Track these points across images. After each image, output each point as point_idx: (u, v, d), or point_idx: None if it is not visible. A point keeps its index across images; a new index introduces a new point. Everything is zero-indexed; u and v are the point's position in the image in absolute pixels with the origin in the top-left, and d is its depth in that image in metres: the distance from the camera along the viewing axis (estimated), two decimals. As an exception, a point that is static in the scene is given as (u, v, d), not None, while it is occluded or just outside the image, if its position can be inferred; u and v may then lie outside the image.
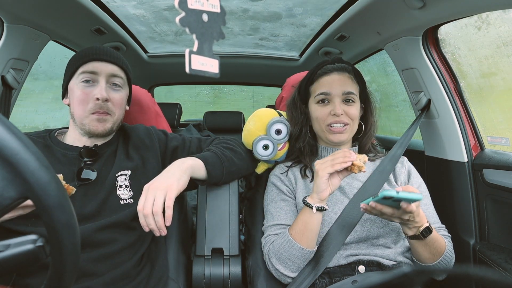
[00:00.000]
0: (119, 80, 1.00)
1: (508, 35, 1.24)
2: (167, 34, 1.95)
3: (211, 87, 4.88)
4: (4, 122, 0.37)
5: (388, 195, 0.76)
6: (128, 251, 0.94)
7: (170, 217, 0.83)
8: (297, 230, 0.94)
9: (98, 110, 0.95)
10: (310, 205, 0.92)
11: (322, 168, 0.89)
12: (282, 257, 0.95)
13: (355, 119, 1.06)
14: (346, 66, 1.09)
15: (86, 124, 0.96)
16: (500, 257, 1.10)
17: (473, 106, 1.33)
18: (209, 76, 0.44)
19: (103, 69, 0.96)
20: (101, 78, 0.96)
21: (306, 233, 0.93)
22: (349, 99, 1.05)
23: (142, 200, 0.83)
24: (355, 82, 1.08)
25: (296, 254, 0.93)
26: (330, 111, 1.04)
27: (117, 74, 0.99)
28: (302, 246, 0.92)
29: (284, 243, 0.95)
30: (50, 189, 0.38)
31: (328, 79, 1.07)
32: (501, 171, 1.15)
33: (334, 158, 0.89)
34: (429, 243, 0.89)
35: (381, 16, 1.28)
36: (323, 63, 1.11)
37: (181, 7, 0.43)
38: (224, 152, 1.07)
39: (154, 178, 0.89)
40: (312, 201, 0.92)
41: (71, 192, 0.71)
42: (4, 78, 1.23)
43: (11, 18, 1.17)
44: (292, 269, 0.95)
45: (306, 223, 0.93)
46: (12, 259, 0.40)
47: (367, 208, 0.85)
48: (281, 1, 1.48)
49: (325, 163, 0.90)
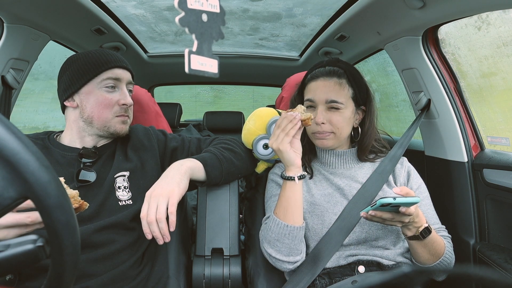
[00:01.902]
0: (131, 87, 1.06)
1: (508, 35, 1.24)
2: (167, 34, 1.95)
3: (211, 87, 4.88)
4: (4, 122, 0.37)
5: (385, 203, 0.76)
6: (127, 252, 0.93)
7: (174, 223, 0.82)
8: (280, 209, 0.95)
9: (122, 114, 1.00)
10: (291, 177, 0.94)
11: (280, 143, 0.91)
12: (271, 239, 0.95)
13: (342, 127, 1.02)
14: (335, 70, 1.04)
15: (111, 126, 0.99)
16: (500, 257, 1.10)
17: (473, 106, 1.33)
18: (208, 76, 0.44)
19: (125, 76, 1.02)
20: (122, 85, 1.01)
21: (289, 208, 0.94)
22: (332, 107, 1.01)
23: (145, 208, 0.83)
24: (348, 86, 1.03)
25: (283, 232, 0.93)
26: (314, 118, 1.01)
27: (132, 81, 1.06)
28: (287, 223, 0.93)
29: (271, 225, 0.95)
30: (50, 189, 0.38)
31: (314, 85, 1.04)
32: (501, 171, 1.15)
33: (283, 128, 0.91)
34: (428, 243, 0.89)
35: (381, 16, 1.28)
36: (317, 65, 1.09)
37: (180, 7, 0.43)
38: (223, 153, 1.07)
39: (155, 183, 0.89)
40: (292, 173, 0.94)
41: (84, 208, 0.71)
42: (4, 78, 1.23)
43: (11, 18, 1.17)
44: (284, 252, 0.94)
45: (289, 198, 0.94)
46: (12, 259, 0.40)
47: (367, 217, 0.85)
48: (281, 1, 1.48)
49: (278, 137, 0.92)
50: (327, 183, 1.07)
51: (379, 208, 0.80)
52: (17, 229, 0.63)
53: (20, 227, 0.63)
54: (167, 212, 0.82)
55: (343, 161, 1.09)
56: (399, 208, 0.79)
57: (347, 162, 1.09)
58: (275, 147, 0.92)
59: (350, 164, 1.10)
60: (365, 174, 1.07)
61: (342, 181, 1.06)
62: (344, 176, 1.07)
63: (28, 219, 0.61)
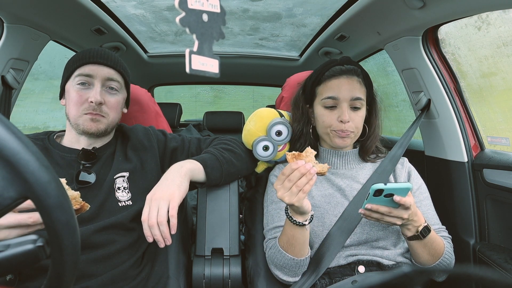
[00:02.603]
0: (115, 84, 0.99)
1: (508, 35, 1.24)
2: (167, 34, 1.95)
3: (211, 87, 4.88)
4: (4, 122, 0.37)
5: (377, 188, 0.77)
6: (127, 252, 0.93)
7: (175, 226, 0.82)
8: (287, 244, 0.91)
9: (91, 112, 0.95)
10: (301, 223, 0.86)
11: (296, 201, 0.79)
12: (278, 265, 0.95)
13: (360, 127, 1.03)
14: (355, 69, 1.04)
15: (80, 124, 0.96)
16: (500, 257, 1.10)
17: (473, 106, 1.33)
18: (209, 76, 0.44)
19: (99, 72, 0.96)
20: (96, 82, 0.96)
21: (297, 246, 0.90)
22: (356, 106, 1.00)
23: (146, 211, 0.82)
24: (363, 85, 1.04)
25: (290, 263, 0.92)
26: (338, 117, 1.00)
27: (113, 77, 0.98)
28: (293, 257, 0.91)
29: (276, 254, 0.94)
30: (50, 189, 0.38)
31: (336, 82, 1.02)
32: (501, 171, 1.15)
33: (296, 183, 0.78)
34: (428, 243, 0.89)
35: (381, 16, 1.28)
36: (331, 63, 1.06)
37: (181, 7, 0.43)
38: (224, 154, 1.07)
39: (155, 186, 0.88)
40: (302, 218, 0.86)
41: (86, 209, 0.71)
42: (4, 78, 1.22)
43: (11, 18, 1.17)
44: (291, 275, 0.95)
45: (297, 238, 0.89)
46: (12, 259, 0.40)
47: (366, 213, 0.85)
48: (281, 1, 1.48)
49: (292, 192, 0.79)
50: (328, 183, 1.07)
51: (374, 199, 0.80)
52: (19, 230, 0.63)
53: (22, 227, 0.63)
54: (168, 215, 0.82)
55: (345, 162, 1.09)
56: (393, 197, 0.79)
57: (349, 163, 1.09)
58: (288, 202, 0.80)
59: (352, 164, 1.10)
60: (366, 175, 1.07)
61: (343, 181, 1.06)
62: (345, 177, 1.07)
63: (29, 219, 0.61)
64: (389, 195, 0.79)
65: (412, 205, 0.82)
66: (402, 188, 0.78)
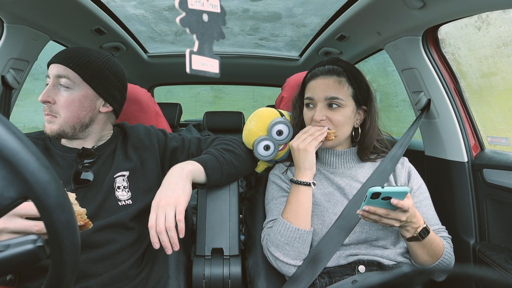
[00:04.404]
0: (64, 81, 0.93)
1: (508, 35, 1.24)
2: (167, 34, 1.95)
3: (211, 87, 4.88)
4: (4, 122, 0.37)
5: (375, 191, 0.78)
6: (127, 251, 0.93)
7: (183, 230, 0.82)
8: (292, 213, 0.96)
9: (45, 113, 0.94)
10: (307, 183, 0.97)
11: (308, 144, 0.97)
12: (280, 243, 0.95)
13: (342, 125, 1.02)
14: (335, 68, 1.04)
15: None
16: (500, 257, 1.10)
17: (473, 106, 1.33)
18: (209, 76, 0.44)
19: (52, 71, 0.94)
20: (51, 81, 0.95)
21: (302, 213, 0.95)
22: (332, 104, 1.01)
23: (153, 217, 0.82)
24: (348, 84, 1.03)
25: (294, 236, 0.94)
26: (312, 116, 1.03)
27: (62, 74, 0.93)
28: (299, 227, 0.94)
29: (280, 228, 0.96)
30: (50, 189, 0.38)
31: (313, 83, 1.05)
32: (501, 171, 1.15)
33: (311, 133, 0.99)
34: (427, 244, 0.89)
35: (381, 16, 1.28)
36: (317, 65, 1.10)
37: (181, 7, 0.43)
38: (224, 155, 1.07)
39: (159, 192, 0.87)
40: (307, 178, 0.98)
41: (88, 227, 0.71)
42: (4, 78, 1.23)
43: (11, 18, 1.17)
44: (292, 256, 0.95)
45: (303, 203, 0.96)
46: (12, 259, 0.40)
47: (364, 214, 0.85)
48: (281, 1, 1.48)
49: (305, 139, 0.98)
50: (328, 182, 1.07)
51: (372, 201, 0.80)
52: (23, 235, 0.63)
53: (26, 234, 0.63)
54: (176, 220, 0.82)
55: (343, 161, 1.09)
56: (391, 200, 0.79)
57: (347, 162, 1.09)
58: (302, 147, 0.97)
59: (350, 163, 1.10)
60: (366, 174, 1.07)
61: (343, 180, 1.06)
62: (344, 176, 1.07)
63: (35, 227, 0.61)
64: (387, 198, 0.79)
65: (410, 207, 0.82)
66: (399, 192, 0.78)
